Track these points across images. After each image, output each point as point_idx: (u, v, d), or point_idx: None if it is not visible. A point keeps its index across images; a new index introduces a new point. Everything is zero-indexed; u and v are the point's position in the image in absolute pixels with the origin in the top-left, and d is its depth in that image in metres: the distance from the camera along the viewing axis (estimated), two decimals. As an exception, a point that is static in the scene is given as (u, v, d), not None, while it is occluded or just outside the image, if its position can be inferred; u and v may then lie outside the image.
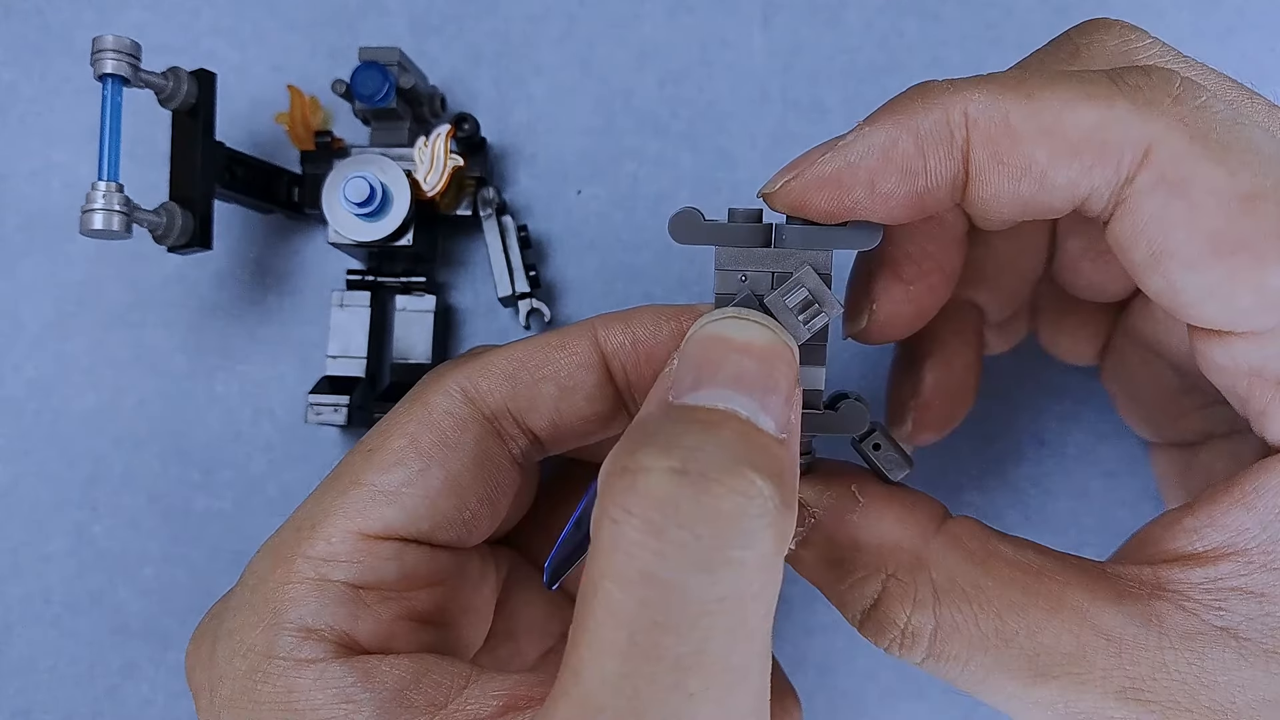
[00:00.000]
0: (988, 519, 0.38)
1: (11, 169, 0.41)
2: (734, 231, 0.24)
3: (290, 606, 0.24)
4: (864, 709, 0.38)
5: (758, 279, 0.24)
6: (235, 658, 0.23)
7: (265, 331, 0.40)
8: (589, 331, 0.26)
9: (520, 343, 0.27)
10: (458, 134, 0.38)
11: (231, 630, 0.24)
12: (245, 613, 0.24)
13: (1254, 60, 0.40)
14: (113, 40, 0.32)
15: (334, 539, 0.24)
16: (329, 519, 0.25)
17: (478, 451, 0.26)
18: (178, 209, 0.34)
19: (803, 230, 0.24)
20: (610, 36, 0.41)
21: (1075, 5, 0.40)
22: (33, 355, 0.40)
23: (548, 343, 0.27)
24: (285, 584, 0.24)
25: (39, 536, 0.39)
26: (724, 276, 0.25)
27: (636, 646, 0.19)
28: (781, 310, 0.24)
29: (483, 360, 0.26)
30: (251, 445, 0.40)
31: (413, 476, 0.25)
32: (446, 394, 0.26)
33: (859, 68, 0.40)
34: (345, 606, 0.24)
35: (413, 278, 0.39)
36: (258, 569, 0.25)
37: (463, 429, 0.26)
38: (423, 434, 0.25)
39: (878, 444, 0.26)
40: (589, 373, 0.26)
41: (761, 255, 0.24)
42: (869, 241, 0.24)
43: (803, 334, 0.24)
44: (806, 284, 0.23)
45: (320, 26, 0.41)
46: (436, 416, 0.26)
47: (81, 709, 0.39)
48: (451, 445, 0.26)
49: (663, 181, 0.40)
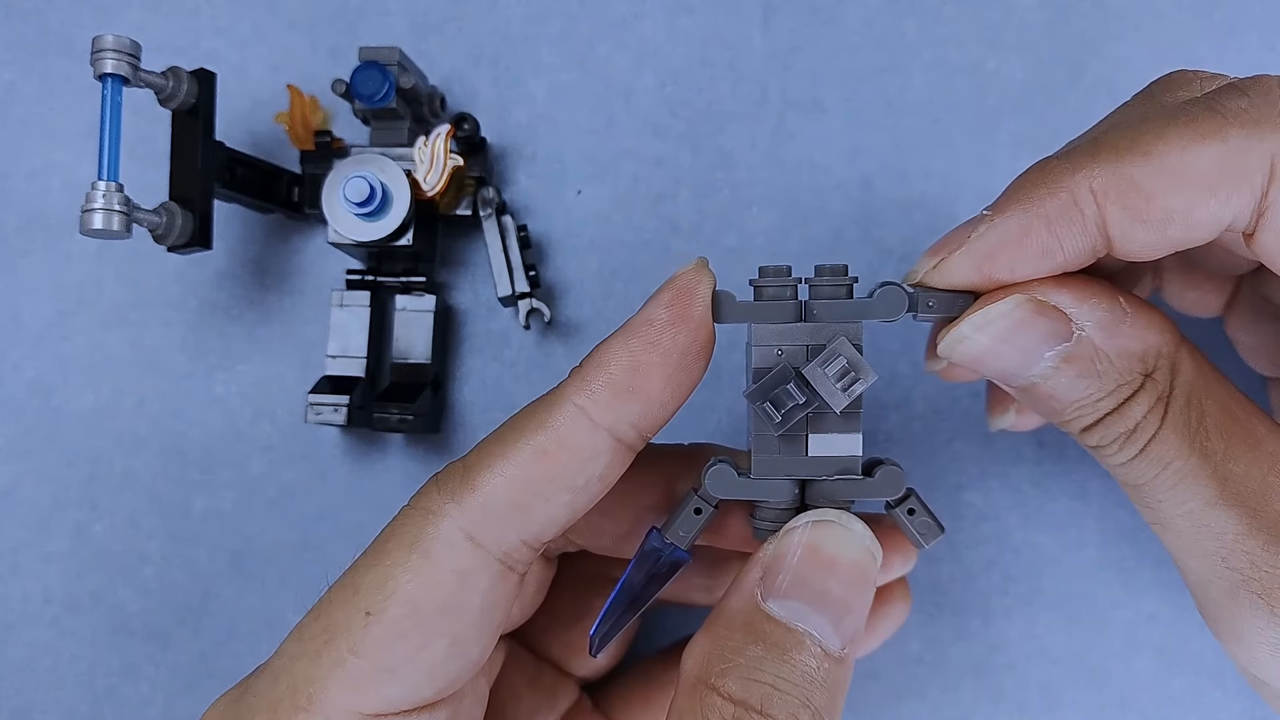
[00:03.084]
0: (987, 519, 0.38)
1: (11, 169, 0.41)
2: (771, 309, 0.25)
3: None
4: (864, 709, 0.38)
5: (793, 352, 0.25)
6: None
7: (265, 331, 0.40)
8: (579, 416, 0.24)
9: (514, 454, 0.24)
10: (458, 134, 0.38)
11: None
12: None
13: (1254, 60, 0.40)
14: (113, 40, 0.32)
15: (332, 717, 0.23)
16: (327, 694, 0.23)
17: (485, 604, 0.24)
18: (178, 209, 0.34)
19: (833, 305, 0.25)
20: (610, 36, 0.41)
21: (1075, 5, 0.40)
22: (33, 355, 0.40)
23: (544, 448, 0.24)
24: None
25: (39, 536, 0.39)
26: (761, 351, 0.25)
27: None
28: (820, 380, 0.24)
29: (482, 492, 0.24)
30: (251, 445, 0.40)
31: (415, 651, 0.24)
32: (450, 545, 0.24)
33: (859, 68, 0.40)
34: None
35: (413, 278, 0.39)
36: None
37: (469, 588, 0.24)
38: (425, 598, 0.24)
39: (912, 509, 0.26)
40: (598, 461, 0.24)
41: (796, 330, 0.25)
42: (896, 313, 0.25)
43: (842, 401, 0.24)
44: (843, 353, 0.24)
45: (320, 26, 0.41)
46: (440, 575, 0.24)
47: (81, 709, 0.39)
48: (457, 610, 0.24)
49: (663, 181, 0.40)
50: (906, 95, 0.40)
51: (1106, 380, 0.25)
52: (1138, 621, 0.38)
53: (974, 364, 0.26)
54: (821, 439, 0.26)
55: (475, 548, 0.24)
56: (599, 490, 0.25)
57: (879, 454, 0.27)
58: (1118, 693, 0.38)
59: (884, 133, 0.40)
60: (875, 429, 0.39)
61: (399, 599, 0.23)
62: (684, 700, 0.23)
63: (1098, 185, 0.23)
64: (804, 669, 0.23)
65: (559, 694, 0.33)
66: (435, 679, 0.24)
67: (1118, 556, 0.38)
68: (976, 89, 0.40)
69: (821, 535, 0.25)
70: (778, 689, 0.23)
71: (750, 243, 0.40)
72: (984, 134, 0.40)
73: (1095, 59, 0.40)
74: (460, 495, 0.24)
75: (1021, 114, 0.40)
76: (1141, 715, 0.38)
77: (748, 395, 0.25)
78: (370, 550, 0.25)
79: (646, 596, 0.27)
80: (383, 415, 0.37)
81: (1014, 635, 0.38)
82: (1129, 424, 0.25)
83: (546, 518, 0.24)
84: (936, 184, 0.40)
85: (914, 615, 0.38)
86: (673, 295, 0.24)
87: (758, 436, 0.26)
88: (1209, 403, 0.25)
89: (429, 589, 0.24)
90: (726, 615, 0.24)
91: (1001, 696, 0.38)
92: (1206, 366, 0.25)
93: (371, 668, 0.23)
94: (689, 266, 0.25)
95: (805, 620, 0.24)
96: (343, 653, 0.23)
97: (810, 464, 0.26)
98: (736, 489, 0.26)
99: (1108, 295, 0.25)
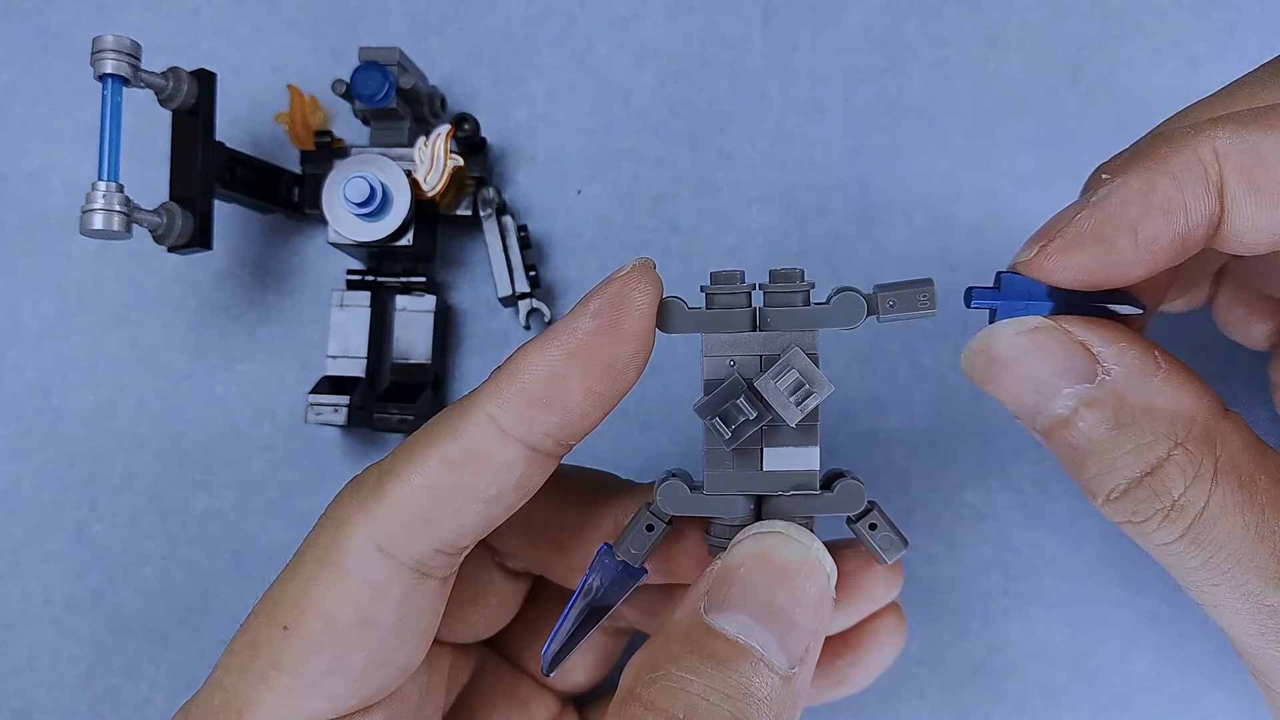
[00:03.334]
0: (987, 519, 0.38)
1: (11, 169, 0.41)
2: (722, 318, 0.25)
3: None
4: (864, 709, 0.38)
5: (746, 363, 0.25)
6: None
7: (265, 331, 0.40)
8: (489, 425, 0.23)
9: (423, 463, 0.23)
10: (458, 134, 0.38)
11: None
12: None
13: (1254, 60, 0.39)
14: (113, 40, 0.32)
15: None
16: (254, 709, 0.23)
17: (403, 613, 0.24)
18: (178, 209, 0.34)
19: (787, 313, 0.24)
20: (610, 36, 0.41)
21: (1075, 5, 0.40)
22: (33, 355, 0.40)
23: (453, 458, 0.23)
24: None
25: (39, 536, 0.39)
26: (713, 362, 0.25)
27: None
28: (773, 393, 0.24)
29: (391, 502, 0.23)
30: (251, 445, 0.40)
31: (333, 664, 0.23)
32: (359, 557, 0.23)
33: (859, 68, 0.40)
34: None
35: (413, 278, 0.39)
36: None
37: (383, 599, 0.24)
38: (340, 611, 0.23)
39: (874, 524, 0.25)
40: (510, 471, 0.24)
41: (748, 340, 0.25)
42: (854, 320, 0.24)
43: (796, 415, 0.24)
44: (796, 365, 0.24)
45: (320, 26, 0.41)
46: (352, 587, 0.23)
47: (81, 709, 0.39)
48: (372, 621, 0.24)
49: (663, 181, 0.40)
50: (906, 95, 0.40)
51: (1127, 437, 0.23)
52: (1138, 621, 0.38)
53: (991, 382, 0.24)
54: (776, 453, 0.25)
55: (386, 558, 0.23)
56: (515, 499, 0.24)
57: (879, 454, 0.27)
58: (1118, 693, 0.38)
59: (884, 133, 0.40)
60: (876, 429, 0.39)
61: (314, 613, 0.23)
62: (611, 715, 0.22)
63: (1221, 147, 0.22)
64: (743, 683, 0.22)
65: (534, 707, 0.33)
66: (358, 690, 0.24)
67: (1118, 556, 0.38)
68: (976, 89, 0.40)
69: (770, 546, 0.24)
70: (707, 699, 0.22)
71: (750, 243, 0.40)
72: (984, 134, 0.40)
73: (1095, 59, 0.40)
74: (369, 505, 0.24)
75: (1021, 114, 0.40)
76: (1141, 715, 0.38)
77: (697, 409, 0.24)
78: (289, 563, 0.25)
79: (599, 614, 0.26)
80: (383, 415, 0.37)
81: (1014, 635, 0.38)
82: (1167, 498, 0.23)
83: (458, 526, 0.24)
84: (936, 184, 0.40)
85: (914, 615, 0.38)
86: (600, 304, 0.23)
87: (710, 451, 0.25)
88: (1262, 476, 0.23)
89: (342, 601, 0.23)
90: (668, 628, 0.24)
91: (1001, 696, 0.38)
92: (1255, 440, 0.24)
93: (293, 681, 0.23)
94: (625, 269, 0.24)
95: (750, 634, 0.23)
96: (265, 667, 0.24)
97: (765, 479, 0.25)
98: (688, 505, 0.25)
99: (1142, 346, 0.24)
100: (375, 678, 0.24)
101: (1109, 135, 0.39)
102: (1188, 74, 0.40)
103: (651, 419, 0.39)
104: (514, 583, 0.31)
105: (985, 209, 0.39)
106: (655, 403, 0.39)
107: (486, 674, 0.32)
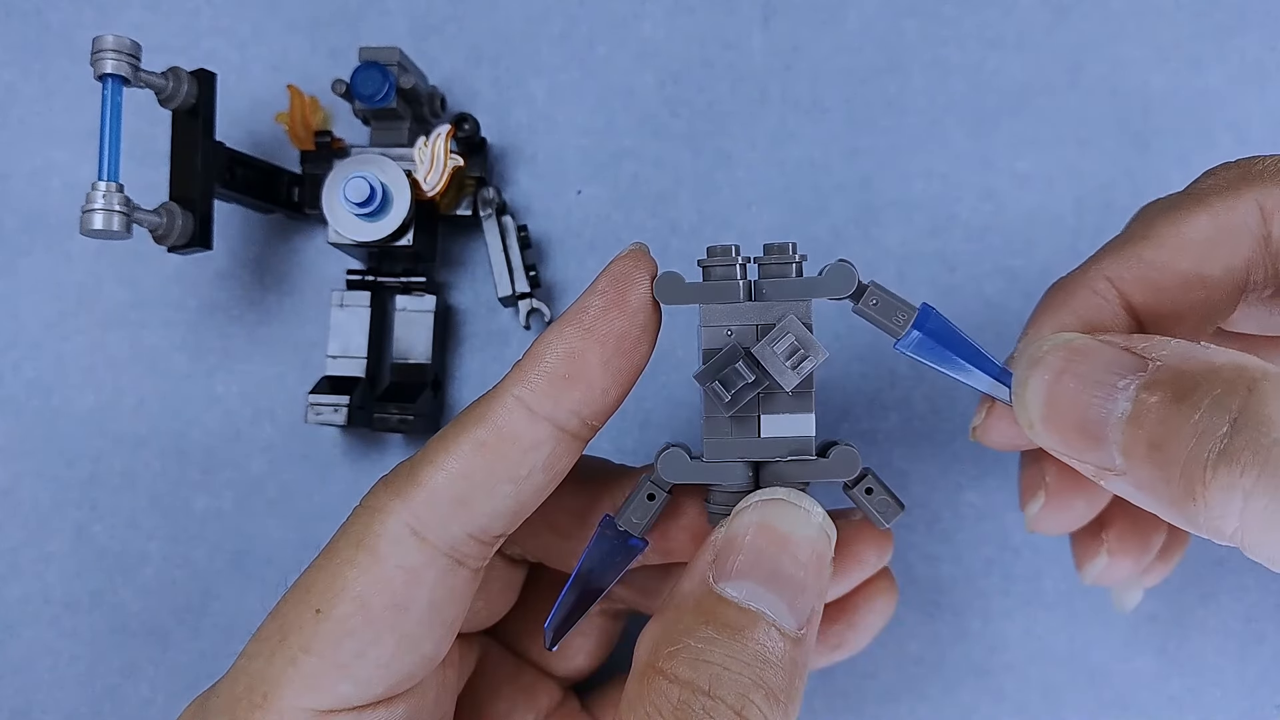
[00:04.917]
0: (987, 519, 0.38)
1: (11, 169, 0.41)
2: (718, 289, 0.25)
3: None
4: (864, 709, 0.38)
5: (742, 332, 0.25)
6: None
7: (265, 331, 0.40)
8: (517, 407, 0.24)
9: (455, 448, 0.24)
10: (458, 134, 0.38)
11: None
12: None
13: (1254, 60, 0.40)
14: (113, 40, 0.32)
15: (286, 715, 0.24)
16: (280, 692, 0.24)
17: (434, 599, 0.24)
18: (178, 209, 0.34)
19: (781, 283, 0.25)
20: (610, 36, 0.41)
21: (1075, 5, 0.40)
22: (33, 355, 0.40)
23: (484, 441, 0.24)
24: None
25: (39, 536, 0.39)
26: (710, 332, 0.25)
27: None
28: (770, 358, 0.24)
29: (425, 486, 0.24)
30: (251, 445, 0.40)
31: (363, 648, 0.24)
32: (395, 541, 0.24)
33: (859, 68, 0.40)
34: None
35: (413, 278, 0.39)
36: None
37: (416, 583, 0.24)
38: (373, 595, 0.24)
39: (870, 488, 0.26)
40: (540, 450, 0.24)
41: (745, 310, 0.25)
42: (845, 289, 0.25)
43: (792, 379, 0.24)
44: (793, 332, 0.24)
45: (320, 26, 0.41)
46: (388, 572, 0.24)
47: (81, 709, 0.39)
48: (404, 605, 0.24)
49: (663, 181, 0.40)
50: (906, 95, 0.40)
51: (1201, 395, 0.21)
52: (1138, 621, 0.38)
53: (1048, 409, 0.23)
54: (774, 419, 0.25)
55: (421, 543, 0.24)
56: (545, 481, 0.25)
57: (879, 454, 0.27)
58: (1118, 693, 0.38)
59: (884, 133, 0.40)
60: (875, 429, 0.39)
61: (347, 596, 0.24)
62: (633, 687, 0.23)
63: (1110, 273, 0.26)
64: (757, 649, 0.23)
65: (539, 693, 0.33)
66: (387, 675, 0.24)
67: (1118, 556, 0.38)
68: (976, 89, 0.40)
69: (772, 513, 0.25)
70: (728, 669, 0.22)
71: (750, 243, 0.39)
72: (984, 134, 0.40)
73: (1095, 59, 0.40)
74: (405, 491, 0.24)
75: (1021, 114, 0.40)
76: (1141, 715, 0.38)
77: (697, 376, 0.25)
78: (323, 550, 0.25)
79: (601, 586, 0.27)
80: (383, 415, 0.37)
81: (1014, 635, 0.38)
82: (1273, 429, 0.19)
83: (491, 510, 0.24)
84: (936, 184, 0.40)
85: (914, 615, 0.38)
86: (607, 282, 0.25)
87: (709, 419, 0.26)
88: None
89: (376, 585, 0.24)
90: (678, 599, 0.24)
91: (1001, 696, 0.38)
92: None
93: (323, 665, 0.24)
94: (624, 252, 0.25)
95: (759, 600, 0.23)
96: (295, 651, 0.24)
97: (763, 445, 0.26)
98: (689, 473, 0.26)
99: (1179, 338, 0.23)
100: (403, 665, 0.24)
101: (1109, 136, 0.40)
102: (1188, 74, 0.40)
103: (652, 419, 0.39)
104: (513, 570, 0.32)
105: (985, 209, 0.39)
106: (655, 403, 0.39)
107: (490, 663, 0.32)
